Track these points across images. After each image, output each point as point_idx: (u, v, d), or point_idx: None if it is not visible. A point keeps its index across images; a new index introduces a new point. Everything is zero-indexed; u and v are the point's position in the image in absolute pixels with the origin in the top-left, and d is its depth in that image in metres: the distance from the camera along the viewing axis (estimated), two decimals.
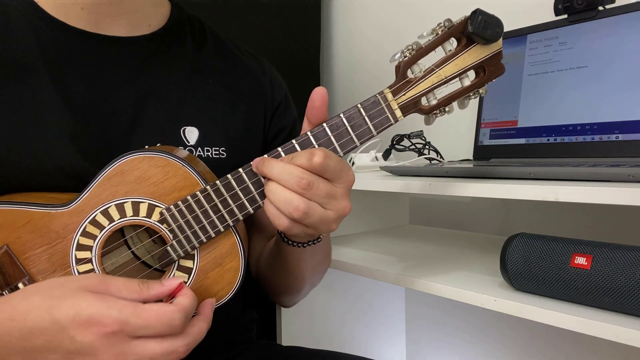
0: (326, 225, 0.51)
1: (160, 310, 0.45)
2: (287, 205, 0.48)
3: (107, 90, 0.60)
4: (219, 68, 0.70)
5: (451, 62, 0.52)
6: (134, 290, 0.47)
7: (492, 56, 0.53)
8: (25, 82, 0.56)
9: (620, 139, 0.72)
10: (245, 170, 0.52)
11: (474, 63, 0.52)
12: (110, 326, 0.43)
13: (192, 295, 0.49)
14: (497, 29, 0.50)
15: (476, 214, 1.09)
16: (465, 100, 0.55)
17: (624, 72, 0.73)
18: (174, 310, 0.46)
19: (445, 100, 0.54)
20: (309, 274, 0.68)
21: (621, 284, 0.51)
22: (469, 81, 0.54)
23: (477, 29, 0.50)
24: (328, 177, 0.50)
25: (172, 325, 0.46)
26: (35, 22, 0.59)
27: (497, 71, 0.53)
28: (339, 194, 0.50)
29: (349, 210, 0.52)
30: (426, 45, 0.52)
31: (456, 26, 0.51)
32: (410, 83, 0.52)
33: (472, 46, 0.52)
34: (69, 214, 0.52)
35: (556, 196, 0.53)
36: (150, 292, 0.48)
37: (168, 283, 0.49)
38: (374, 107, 0.52)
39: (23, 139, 0.55)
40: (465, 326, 1.12)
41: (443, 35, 0.51)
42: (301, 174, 0.48)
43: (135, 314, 0.44)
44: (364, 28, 1.32)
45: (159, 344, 0.45)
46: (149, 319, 0.45)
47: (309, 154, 0.49)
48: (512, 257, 0.60)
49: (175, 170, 0.53)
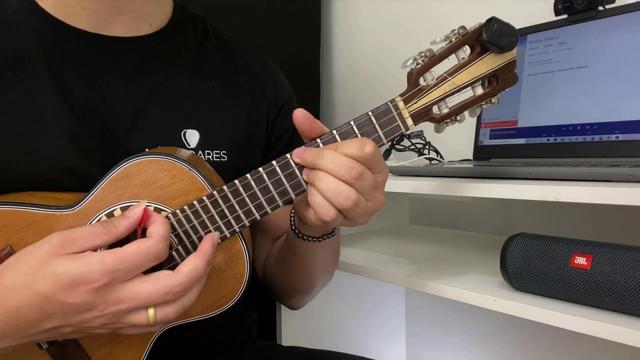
0: (365, 217, 0.51)
1: (142, 247, 0.45)
2: (339, 195, 0.48)
3: (108, 91, 0.60)
4: (221, 68, 0.69)
5: (464, 71, 0.51)
6: (103, 233, 0.46)
7: (506, 65, 0.52)
8: (25, 82, 0.56)
9: (620, 139, 0.72)
10: (253, 176, 0.52)
11: (487, 72, 0.51)
12: (99, 280, 0.43)
13: (164, 220, 0.48)
14: (512, 38, 0.49)
15: (476, 214, 1.09)
16: (477, 109, 0.54)
17: (624, 72, 0.73)
18: (154, 240, 0.46)
19: (457, 109, 0.53)
20: (321, 271, 0.68)
21: (621, 284, 0.51)
22: (481, 89, 0.53)
23: (492, 38, 0.49)
24: (374, 168, 0.50)
25: (158, 256, 0.46)
26: (35, 21, 0.59)
27: (510, 80, 0.52)
28: (380, 186, 0.51)
29: (384, 203, 0.52)
30: (439, 52, 0.51)
31: (470, 34, 0.50)
32: (422, 91, 0.51)
33: (486, 54, 0.51)
34: (73, 216, 0.52)
35: (556, 196, 0.53)
36: (119, 229, 0.47)
37: (131, 212, 0.48)
38: (385, 115, 0.51)
39: (22, 139, 0.55)
40: (465, 326, 1.12)
41: (457, 42, 0.51)
42: (353, 164, 0.48)
43: (118, 260, 0.44)
44: (364, 28, 1.31)
45: (151, 284, 0.45)
46: (133, 259, 0.44)
47: (360, 144, 0.48)
48: (512, 257, 0.60)
49: (182, 174, 0.52)
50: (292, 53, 1.27)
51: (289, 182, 0.52)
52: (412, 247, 0.91)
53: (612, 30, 0.74)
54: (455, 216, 1.13)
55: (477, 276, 0.69)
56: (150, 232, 0.47)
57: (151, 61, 0.63)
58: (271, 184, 0.52)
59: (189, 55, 0.67)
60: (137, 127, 0.60)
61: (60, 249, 0.44)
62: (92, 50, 0.60)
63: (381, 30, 1.27)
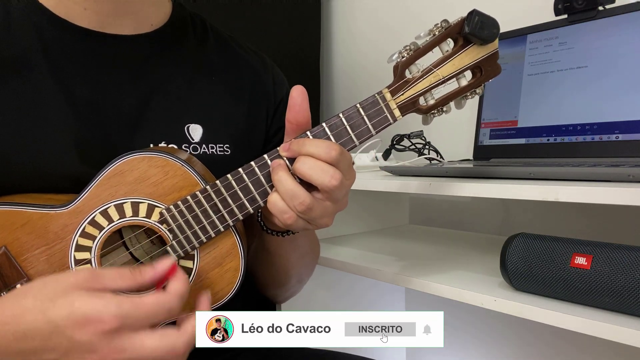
0: (324, 219, 0.52)
1: (159, 299, 0.45)
2: (293, 199, 0.49)
3: (110, 90, 0.60)
4: (221, 65, 0.69)
5: (448, 62, 0.53)
6: (128, 278, 0.46)
7: (489, 56, 0.53)
8: (27, 82, 0.56)
9: (620, 139, 0.72)
10: (245, 170, 0.52)
11: (471, 63, 0.53)
12: (109, 323, 0.43)
13: (185, 278, 0.48)
14: (493, 30, 0.51)
15: (476, 214, 1.09)
16: (462, 100, 0.55)
17: (624, 72, 0.73)
18: (171, 296, 0.46)
19: (443, 100, 0.54)
20: (294, 266, 0.68)
21: (621, 284, 0.51)
22: (465, 81, 0.54)
23: (473, 30, 0.50)
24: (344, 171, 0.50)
25: (171, 312, 0.46)
26: (37, 20, 0.59)
27: (493, 71, 0.54)
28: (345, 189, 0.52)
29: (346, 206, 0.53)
30: (423, 45, 0.52)
31: (453, 27, 0.52)
32: (408, 83, 0.52)
33: (469, 47, 0.52)
34: (67, 215, 0.52)
35: (556, 196, 0.53)
36: (145, 278, 0.47)
37: (160, 266, 0.48)
38: (372, 107, 0.52)
39: (24, 140, 0.55)
40: (465, 326, 1.12)
41: (440, 35, 0.52)
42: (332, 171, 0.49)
43: (135, 307, 0.44)
44: (364, 28, 1.31)
45: (157, 340, 0.45)
46: (148, 310, 0.44)
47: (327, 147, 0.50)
48: (512, 257, 0.60)
49: (175, 170, 0.53)
50: (292, 51, 1.27)
51: None
52: (412, 247, 0.91)
53: (612, 30, 0.74)
54: (455, 216, 1.13)
55: (477, 276, 0.69)
56: (169, 288, 0.47)
57: (154, 59, 0.64)
58: (263, 176, 0.52)
59: (190, 52, 0.67)
60: (141, 125, 0.60)
61: (85, 282, 0.44)
62: (95, 49, 0.60)
63: (381, 29, 1.27)
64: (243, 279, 0.55)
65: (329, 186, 0.49)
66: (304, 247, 0.68)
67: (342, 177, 0.50)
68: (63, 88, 0.57)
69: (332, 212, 0.53)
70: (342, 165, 0.50)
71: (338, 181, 0.49)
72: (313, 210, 0.50)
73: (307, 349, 0.75)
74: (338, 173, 0.49)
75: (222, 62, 0.70)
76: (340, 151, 0.50)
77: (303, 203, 0.49)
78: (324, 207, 0.51)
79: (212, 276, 0.55)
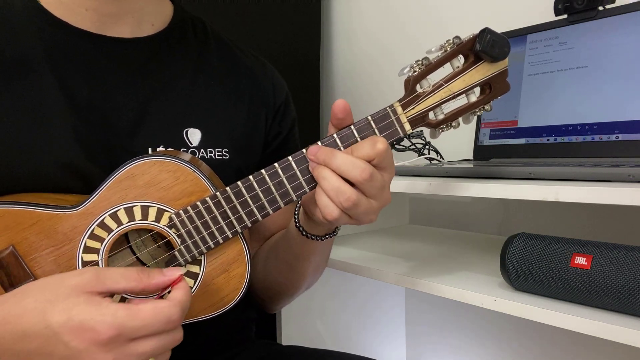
0: (371, 216, 0.53)
1: (157, 308, 0.44)
2: (340, 194, 0.50)
3: (111, 92, 0.60)
4: (221, 69, 0.69)
5: (459, 78, 0.53)
6: (133, 279, 0.46)
7: (499, 74, 0.53)
8: (29, 83, 0.56)
9: (620, 139, 0.72)
10: (255, 178, 0.52)
11: (481, 80, 0.53)
12: (105, 333, 0.42)
13: (187, 288, 0.48)
14: (504, 48, 0.51)
15: (476, 214, 1.09)
16: (471, 115, 0.56)
17: (624, 72, 0.73)
18: (171, 305, 0.45)
19: (452, 116, 0.55)
20: (312, 272, 0.68)
21: (621, 284, 0.51)
22: (475, 97, 0.54)
23: (485, 48, 0.51)
24: (384, 166, 0.51)
25: (170, 321, 0.45)
26: (39, 22, 0.59)
27: (502, 88, 0.54)
28: (387, 184, 0.53)
29: (390, 201, 0.54)
30: (435, 61, 0.53)
31: (464, 43, 0.52)
32: (419, 97, 0.53)
33: (480, 63, 0.53)
34: (77, 216, 0.52)
35: (556, 196, 0.53)
36: (151, 281, 0.47)
37: (169, 273, 0.48)
38: (383, 120, 0.53)
39: (27, 140, 0.55)
40: (465, 326, 1.12)
41: (452, 52, 0.52)
42: (364, 165, 0.50)
43: (131, 317, 0.43)
44: (364, 27, 1.31)
45: (156, 341, 0.45)
46: (145, 319, 0.43)
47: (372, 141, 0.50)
48: (512, 257, 0.60)
49: (186, 176, 0.53)
50: (292, 52, 1.27)
51: (291, 184, 0.53)
52: (412, 247, 0.91)
53: (612, 30, 0.74)
54: (455, 216, 1.13)
55: (477, 276, 0.69)
56: (170, 295, 0.46)
57: (154, 61, 0.64)
58: (273, 185, 0.52)
59: (190, 55, 0.67)
60: (141, 127, 0.60)
61: (87, 285, 0.44)
62: (96, 51, 0.60)
63: (382, 27, 1.27)
64: (248, 286, 0.55)
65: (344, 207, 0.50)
66: (327, 252, 0.69)
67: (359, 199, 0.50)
68: (64, 89, 0.57)
69: (377, 209, 0.52)
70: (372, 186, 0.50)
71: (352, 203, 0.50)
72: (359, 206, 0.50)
73: (307, 349, 0.75)
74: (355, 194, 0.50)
75: (222, 66, 0.70)
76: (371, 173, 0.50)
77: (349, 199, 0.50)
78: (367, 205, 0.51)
79: (218, 282, 0.55)
